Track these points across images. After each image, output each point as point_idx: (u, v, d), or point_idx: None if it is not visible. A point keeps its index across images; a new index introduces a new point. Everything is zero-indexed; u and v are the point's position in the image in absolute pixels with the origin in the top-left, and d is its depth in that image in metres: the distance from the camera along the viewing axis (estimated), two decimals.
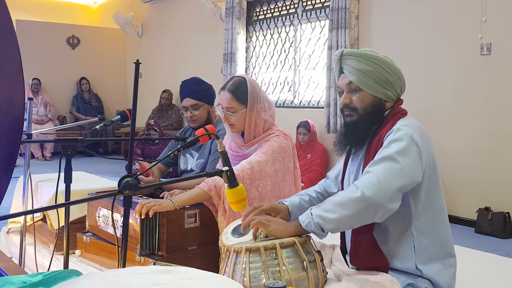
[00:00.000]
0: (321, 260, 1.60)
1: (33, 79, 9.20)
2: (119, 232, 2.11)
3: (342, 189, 1.85)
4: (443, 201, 1.71)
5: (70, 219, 2.29)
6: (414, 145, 1.59)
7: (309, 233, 1.61)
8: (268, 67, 7.15)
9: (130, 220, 2.10)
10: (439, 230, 1.68)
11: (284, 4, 6.75)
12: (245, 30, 7.24)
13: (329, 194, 1.95)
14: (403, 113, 1.72)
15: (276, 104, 6.81)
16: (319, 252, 1.62)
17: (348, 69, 1.71)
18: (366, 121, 1.70)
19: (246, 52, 7.33)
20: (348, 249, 1.74)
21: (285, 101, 6.84)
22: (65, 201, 2.00)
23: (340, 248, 1.83)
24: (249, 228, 1.71)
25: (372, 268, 1.64)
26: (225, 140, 2.45)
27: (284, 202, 1.86)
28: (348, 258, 1.77)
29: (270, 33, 7.07)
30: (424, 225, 1.65)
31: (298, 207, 1.86)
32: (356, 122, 1.72)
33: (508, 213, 4.37)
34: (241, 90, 2.24)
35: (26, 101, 2.45)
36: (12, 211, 3.40)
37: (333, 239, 1.83)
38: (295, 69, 6.70)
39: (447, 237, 1.70)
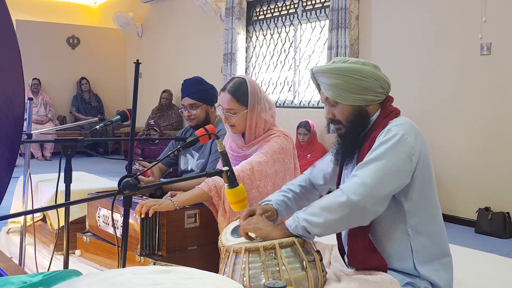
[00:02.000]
0: (321, 260, 1.60)
1: (33, 79, 9.20)
2: (119, 232, 2.11)
3: None
4: (437, 201, 1.70)
5: (70, 219, 2.29)
6: (404, 145, 1.58)
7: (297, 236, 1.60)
8: (268, 67, 7.15)
9: (130, 220, 2.10)
10: (435, 229, 1.67)
11: (284, 4, 6.75)
12: (245, 30, 7.24)
13: (314, 186, 1.96)
14: (396, 113, 1.71)
15: (276, 104, 6.81)
16: (318, 252, 1.62)
17: (322, 86, 1.73)
18: (354, 131, 1.72)
19: (246, 52, 7.33)
20: (346, 251, 1.74)
21: (285, 101, 6.84)
22: (65, 201, 2.00)
23: (338, 248, 1.83)
24: None
25: (370, 269, 1.64)
26: (225, 141, 2.45)
27: (268, 202, 1.86)
28: (346, 259, 1.77)
29: (270, 33, 7.07)
30: (419, 225, 1.64)
31: (283, 206, 1.87)
32: (346, 134, 1.73)
33: (508, 213, 4.37)
34: (241, 91, 2.24)
35: (26, 101, 2.46)
36: (12, 211, 3.40)
37: (331, 239, 1.83)
38: (295, 69, 6.70)
39: (442, 236, 1.70)
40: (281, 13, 6.84)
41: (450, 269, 1.70)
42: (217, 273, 1.41)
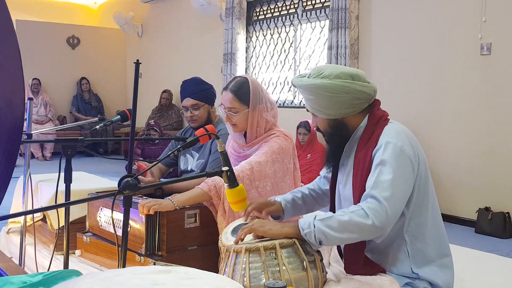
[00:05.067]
0: (321, 260, 1.60)
1: (33, 79, 9.19)
2: (120, 232, 2.11)
3: (331, 197, 1.84)
4: (434, 202, 1.69)
5: (70, 219, 2.29)
6: (407, 159, 1.58)
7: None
8: (268, 67, 7.15)
9: (136, 220, 2.10)
10: (431, 231, 1.66)
11: (284, 4, 6.75)
12: (245, 30, 7.24)
13: (323, 191, 1.96)
14: (385, 119, 1.69)
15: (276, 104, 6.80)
16: (318, 252, 1.62)
17: (303, 97, 1.77)
18: (333, 141, 1.75)
19: (246, 52, 7.33)
20: (342, 259, 1.74)
21: (285, 101, 6.84)
22: (65, 201, 2.00)
23: (337, 250, 1.82)
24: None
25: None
26: (228, 141, 2.46)
27: (277, 199, 1.87)
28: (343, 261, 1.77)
29: (270, 33, 7.07)
30: (416, 229, 1.64)
31: (291, 203, 1.87)
32: (328, 141, 1.77)
33: (508, 213, 4.37)
34: (243, 90, 2.24)
35: (26, 101, 2.45)
36: (12, 211, 3.40)
37: None
38: (295, 69, 6.70)
39: (441, 237, 1.69)
40: (281, 13, 6.83)
41: (450, 269, 1.70)
42: (217, 273, 1.41)
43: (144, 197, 2.38)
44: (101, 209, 2.36)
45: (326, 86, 1.63)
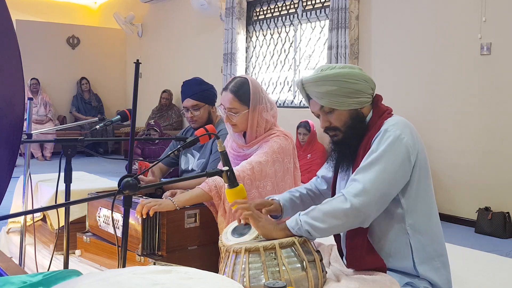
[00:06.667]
0: (321, 260, 1.60)
1: (31, 79, 9.18)
2: (119, 232, 2.11)
3: (332, 194, 1.84)
4: (433, 199, 1.70)
5: (70, 219, 2.29)
6: (403, 146, 1.58)
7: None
8: (268, 67, 7.15)
9: (132, 220, 2.10)
10: (433, 227, 1.67)
11: (284, 4, 6.75)
12: (245, 30, 7.24)
13: (320, 192, 1.96)
14: (389, 112, 1.71)
15: (276, 104, 6.80)
16: (318, 252, 1.62)
17: (315, 95, 1.70)
18: (352, 135, 1.70)
19: (246, 52, 7.33)
20: (344, 252, 1.74)
21: (285, 101, 6.84)
22: (65, 201, 2.00)
23: (337, 249, 1.83)
24: (249, 227, 1.72)
25: (369, 270, 1.64)
26: (226, 141, 2.46)
27: (275, 198, 1.87)
28: (345, 261, 1.77)
29: (270, 33, 7.07)
30: (418, 223, 1.64)
31: (290, 203, 1.87)
32: (343, 140, 1.72)
33: (508, 213, 4.37)
34: (243, 90, 2.24)
35: (26, 101, 2.46)
36: (12, 211, 3.40)
37: (331, 239, 1.83)
38: (295, 69, 6.70)
39: (440, 235, 1.70)
40: (281, 13, 6.83)
41: (448, 268, 1.71)
42: (217, 273, 1.41)
43: (144, 197, 2.38)
44: (100, 209, 2.36)
45: (348, 74, 1.65)
